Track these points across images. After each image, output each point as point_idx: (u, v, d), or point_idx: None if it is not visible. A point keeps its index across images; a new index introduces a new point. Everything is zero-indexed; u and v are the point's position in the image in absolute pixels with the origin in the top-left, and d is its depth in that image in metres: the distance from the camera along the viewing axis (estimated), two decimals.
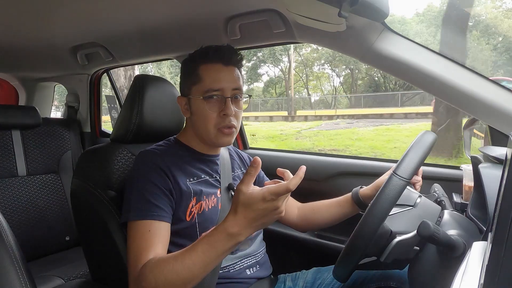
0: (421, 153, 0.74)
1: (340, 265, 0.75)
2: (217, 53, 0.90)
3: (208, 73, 0.90)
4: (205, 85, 0.89)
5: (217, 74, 0.90)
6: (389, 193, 0.70)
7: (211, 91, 0.89)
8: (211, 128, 0.91)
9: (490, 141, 0.89)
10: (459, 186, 1.01)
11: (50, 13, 1.14)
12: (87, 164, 1.00)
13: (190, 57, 0.96)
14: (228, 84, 0.90)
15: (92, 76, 1.97)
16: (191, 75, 0.92)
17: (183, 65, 0.98)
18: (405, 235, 0.72)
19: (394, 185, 0.70)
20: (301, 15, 0.92)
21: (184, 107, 0.96)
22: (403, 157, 0.74)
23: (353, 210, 1.05)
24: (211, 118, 0.90)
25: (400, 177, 0.70)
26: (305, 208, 1.13)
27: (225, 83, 0.89)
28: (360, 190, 1.04)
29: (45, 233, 1.70)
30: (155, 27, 1.23)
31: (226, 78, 0.90)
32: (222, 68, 0.90)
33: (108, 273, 1.00)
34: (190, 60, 0.95)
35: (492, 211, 0.61)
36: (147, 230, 0.81)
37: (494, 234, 0.40)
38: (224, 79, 0.90)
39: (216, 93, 0.89)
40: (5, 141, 1.65)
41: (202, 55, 0.92)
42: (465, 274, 0.47)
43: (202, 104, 0.90)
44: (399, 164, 0.72)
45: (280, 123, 15.26)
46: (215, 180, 0.98)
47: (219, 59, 0.90)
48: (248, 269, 0.95)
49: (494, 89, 0.83)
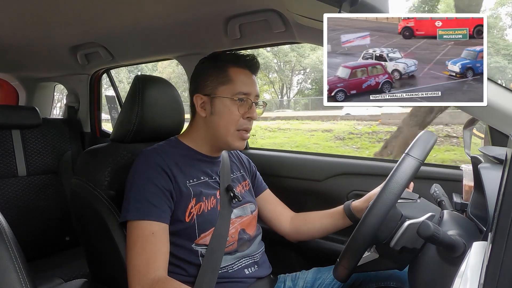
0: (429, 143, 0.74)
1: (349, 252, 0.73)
2: (247, 61, 0.96)
3: (239, 76, 0.94)
4: (236, 87, 0.92)
5: (246, 79, 0.95)
6: (403, 171, 0.69)
7: (241, 93, 0.93)
8: (231, 129, 0.93)
9: (490, 141, 0.89)
10: (459, 186, 1.01)
11: (50, 13, 1.14)
12: (87, 164, 1.00)
13: (217, 57, 0.97)
14: (254, 90, 0.95)
15: (92, 76, 1.97)
16: (219, 75, 0.94)
17: (205, 64, 0.98)
18: (415, 219, 0.71)
19: (409, 163, 0.70)
20: (301, 15, 0.92)
21: (201, 106, 0.95)
22: (414, 142, 0.74)
23: (345, 222, 1.05)
24: (235, 119, 0.93)
25: (414, 157, 0.70)
26: (298, 218, 1.13)
27: (252, 89, 0.95)
28: (352, 203, 1.04)
29: (45, 233, 1.70)
30: (155, 27, 1.23)
31: (252, 84, 0.96)
32: (249, 75, 0.96)
33: (108, 273, 1.00)
34: (218, 60, 0.96)
35: (492, 211, 0.61)
36: (151, 232, 0.81)
37: (494, 234, 0.40)
38: (251, 85, 0.95)
39: (244, 96, 0.93)
40: (5, 141, 1.65)
41: (233, 59, 0.95)
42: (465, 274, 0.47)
43: (232, 104, 0.92)
44: (412, 147, 0.72)
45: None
46: (215, 181, 0.98)
47: (248, 67, 0.96)
48: (246, 269, 0.96)
49: (494, 89, 0.83)
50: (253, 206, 1.06)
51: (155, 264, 0.80)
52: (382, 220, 0.69)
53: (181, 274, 0.88)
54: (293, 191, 1.40)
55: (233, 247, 0.94)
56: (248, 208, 1.03)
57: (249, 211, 1.03)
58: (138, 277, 0.79)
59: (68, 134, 1.88)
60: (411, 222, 0.71)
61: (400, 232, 0.71)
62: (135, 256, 0.80)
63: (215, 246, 0.90)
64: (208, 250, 0.89)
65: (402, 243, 0.71)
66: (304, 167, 1.46)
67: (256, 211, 1.07)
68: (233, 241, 0.95)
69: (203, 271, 0.87)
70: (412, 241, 0.72)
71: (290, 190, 1.40)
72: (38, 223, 1.69)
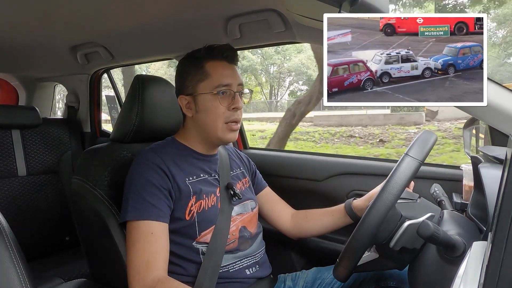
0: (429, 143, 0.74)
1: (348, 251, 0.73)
2: (221, 52, 0.94)
3: (215, 69, 0.92)
4: (214, 80, 0.92)
5: (224, 70, 0.93)
6: (402, 171, 0.69)
7: (221, 86, 0.91)
8: (220, 123, 0.92)
9: (490, 141, 0.89)
10: (459, 186, 1.01)
11: (50, 13, 1.14)
12: (87, 164, 1.00)
13: (192, 55, 0.96)
14: (235, 80, 0.94)
15: (92, 76, 1.97)
16: (197, 72, 0.93)
17: (183, 64, 0.98)
18: (415, 220, 0.72)
19: (408, 164, 0.70)
20: (301, 15, 0.92)
21: (186, 106, 0.95)
22: (414, 142, 0.74)
23: (345, 220, 1.05)
24: (221, 113, 0.92)
25: (413, 157, 0.70)
26: (298, 216, 1.13)
27: (232, 79, 0.93)
28: (353, 202, 1.04)
29: (45, 233, 1.70)
30: (155, 27, 1.23)
31: (232, 75, 0.94)
32: (227, 65, 0.94)
33: (108, 273, 1.00)
34: (193, 58, 0.95)
35: (492, 211, 0.61)
36: (150, 232, 0.81)
37: (494, 234, 0.40)
38: (231, 75, 0.93)
39: (225, 88, 0.92)
40: (5, 141, 1.65)
41: (207, 53, 0.94)
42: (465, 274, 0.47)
43: (213, 99, 0.91)
44: (411, 147, 0.72)
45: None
46: (214, 179, 0.98)
47: (224, 57, 0.94)
48: (247, 269, 0.95)
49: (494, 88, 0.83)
50: (254, 203, 1.06)
51: (155, 264, 0.80)
52: (382, 221, 0.69)
53: (181, 274, 0.88)
54: (293, 191, 1.40)
55: (234, 245, 0.94)
56: (249, 205, 1.03)
57: (249, 208, 1.03)
58: (138, 278, 0.79)
59: (68, 134, 1.87)
60: (410, 222, 0.71)
61: (399, 233, 0.71)
62: (134, 256, 0.80)
63: (215, 244, 0.90)
64: (209, 248, 0.89)
65: (401, 244, 0.71)
66: (304, 167, 1.46)
67: (257, 208, 1.07)
68: (234, 239, 0.95)
69: (203, 270, 0.87)
70: (412, 242, 0.72)
71: (290, 190, 1.40)
72: (38, 223, 1.68)
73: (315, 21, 0.90)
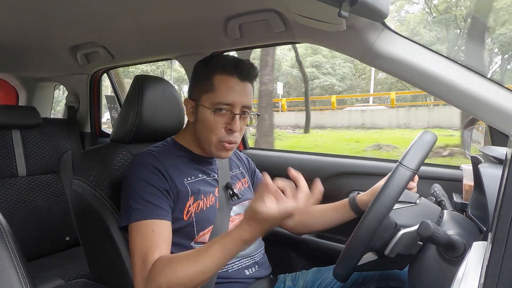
0: (425, 148, 0.74)
1: (342, 261, 0.74)
2: (235, 67, 0.88)
3: (222, 84, 0.88)
4: (217, 96, 0.87)
5: (231, 88, 0.88)
6: (395, 183, 0.69)
7: (222, 104, 0.87)
8: (213, 140, 0.90)
9: (490, 141, 0.89)
10: (459, 186, 1.01)
11: (50, 13, 1.14)
12: (87, 164, 1.00)
13: (206, 63, 0.93)
14: (240, 100, 0.88)
15: (92, 76, 1.97)
16: (204, 82, 0.90)
17: (196, 69, 0.95)
18: (410, 228, 0.72)
19: (401, 175, 0.70)
20: (301, 15, 0.92)
21: (190, 111, 0.94)
22: (408, 149, 0.74)
23: (349, 215, 1.05)
24: (216, 131, 0.88)
25: (407, 167, 0.70)
26: (301, 212, 1.13)
27: (237, 98, 0.88)
28: (357, 196, 1.04)
29: (45, 233, 1.70)
30: (155, 27, 1.23)
31: (239, 94, 0.88)
32: (237, 83, 0.89)
33: (108, 273, 0.99)
34: (205, 66, 0.92)
35: (492, 211, 0.61)
36: (151, 229, 0.81)
37: (494, 234, 0.39)
38: (237, 95, 0.88)
39: (226, 107, 0.87)
40: (5, 141, 1.65)
41: (221, 65, 0.89)
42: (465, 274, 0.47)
43: (210, 115, 0.88)
44: (405, 156, 0.72)
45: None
46: (213, 179, 0.98)
47: (237, 73, 0.88)
48: (246, 269, 0.95)
49: (494, 88, 0.83)
50: None
51: (153, 256, 0.78)
52: (374, 233, 0.70)
53: None
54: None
55: None
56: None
57: None
58: (138, 272, 0.79)
59: (68, 134, 1.88)
60: (405, 231, 0.72)
61: (393, 242, 0.72)
62: (135, 256, 0.81)
63: None
64: None
65: (396, 251, 0.72)
66: (304, 167, 1.46)
67: None
68: None
69: None
70: (407, 249, 0.72)
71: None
72: (38, 223, 1.68)
73: (315, 21, 0.90)
